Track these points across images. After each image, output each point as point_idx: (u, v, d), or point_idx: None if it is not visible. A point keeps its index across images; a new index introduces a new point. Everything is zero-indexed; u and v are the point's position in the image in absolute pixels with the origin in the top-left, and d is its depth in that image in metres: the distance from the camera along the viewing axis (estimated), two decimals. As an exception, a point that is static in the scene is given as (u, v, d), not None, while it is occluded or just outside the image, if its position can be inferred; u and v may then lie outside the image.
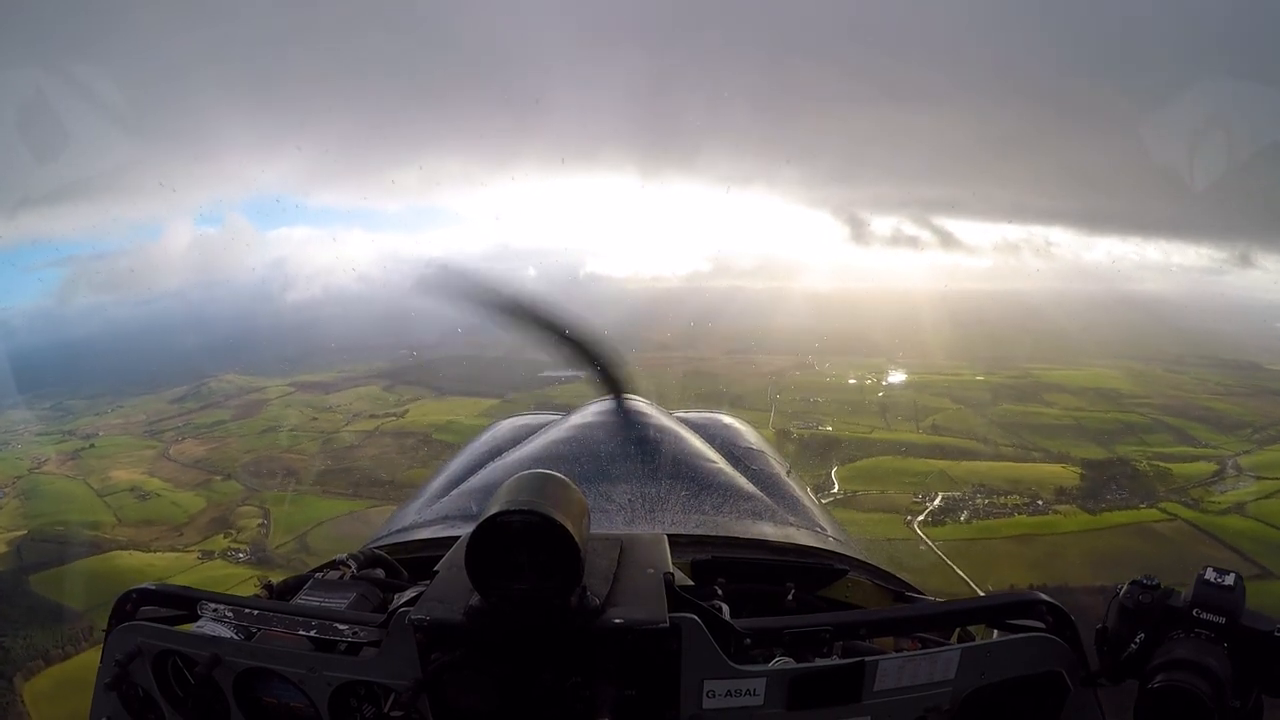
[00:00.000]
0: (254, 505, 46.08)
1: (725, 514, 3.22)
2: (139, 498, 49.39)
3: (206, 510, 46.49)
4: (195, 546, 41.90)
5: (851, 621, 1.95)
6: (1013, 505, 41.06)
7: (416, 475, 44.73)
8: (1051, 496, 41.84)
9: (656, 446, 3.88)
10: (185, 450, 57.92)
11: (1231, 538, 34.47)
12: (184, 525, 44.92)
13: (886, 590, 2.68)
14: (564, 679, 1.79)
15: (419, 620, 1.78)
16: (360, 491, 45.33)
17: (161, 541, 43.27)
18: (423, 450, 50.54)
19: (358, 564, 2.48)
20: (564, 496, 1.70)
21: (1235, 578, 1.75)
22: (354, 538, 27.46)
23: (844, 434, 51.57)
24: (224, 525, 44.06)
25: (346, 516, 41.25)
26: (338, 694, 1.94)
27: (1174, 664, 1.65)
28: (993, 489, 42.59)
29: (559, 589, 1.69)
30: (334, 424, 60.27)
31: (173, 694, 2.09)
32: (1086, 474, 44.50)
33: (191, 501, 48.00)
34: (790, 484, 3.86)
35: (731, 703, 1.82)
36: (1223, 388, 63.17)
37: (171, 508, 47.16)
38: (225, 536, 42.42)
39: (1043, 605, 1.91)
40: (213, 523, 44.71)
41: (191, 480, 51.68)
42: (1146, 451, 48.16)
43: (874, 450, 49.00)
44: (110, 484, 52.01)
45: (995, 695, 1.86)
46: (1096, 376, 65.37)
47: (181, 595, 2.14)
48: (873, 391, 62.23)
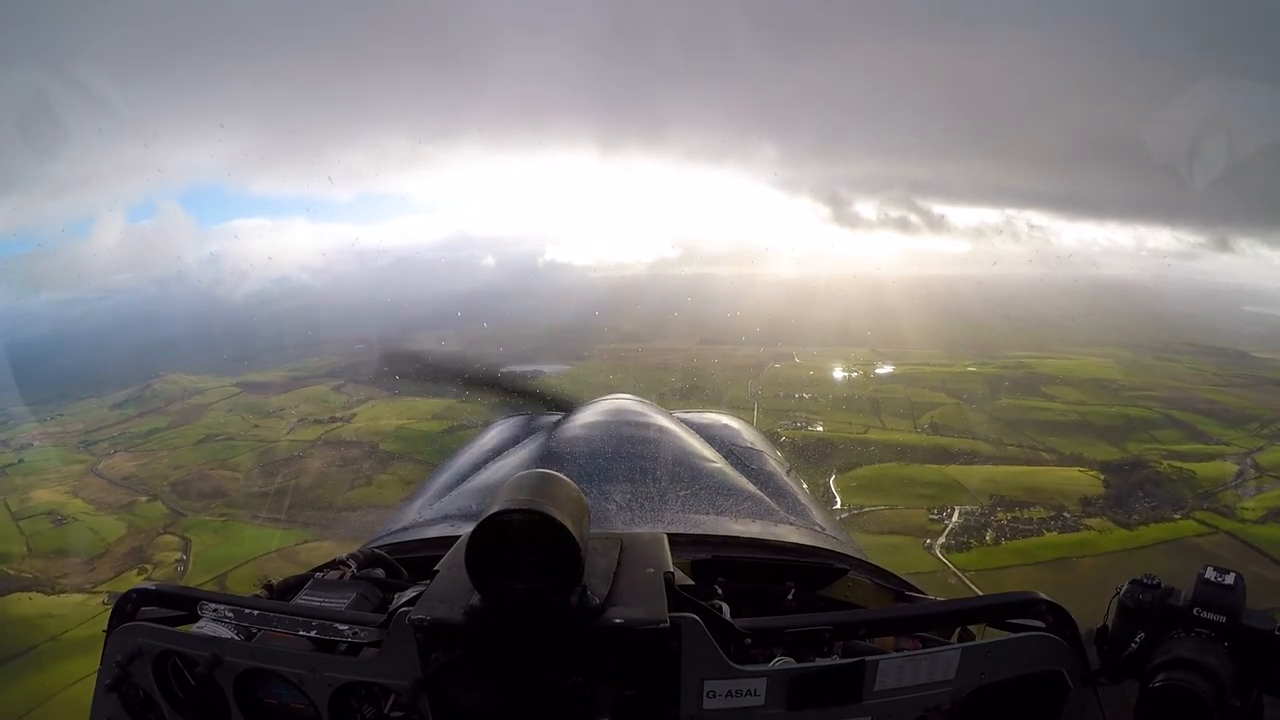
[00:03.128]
0: (176, 534, 39.80)
1: (725, 513, 3.24)
2: (56, 523, 42.71)
3: (126, 538, 40.11)
4: (105, 585, 35.28)
5: (852, 621, 1.98)
6: (1039, 520, 36.08)
7: (357, 498, 39.67)
8: (1078, 508, 37.06)
9: (656, 446, 3.92)
10: (115, 465, 51.06)
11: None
12: (100, 557, 38.47)
13: (886, 590, 2.68)
14: (564, 678, 1.78)
15: (419, 620, 1.79)
16: (295, 517, 39.21)
17: (72, 578, 36.80)
18: (367, 464, 44.79)
19: (358, 564, 2.45)
20: (564, 496, 1.71)
21: (1235, 577, 1.76)
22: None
23: (837, 435, 46.25)
24: (140, 558, 37.61)
25: (274, 555, 35.07)
26: (338, 694, 1.94)
27: (1174, 663, 1.66)
28: (1012, 500, 37.55)
29: (559, 588, 1.70)
30: (275, 432, 53.81)
31: (173, 695, 2.09)
32: (1108, 479, 39.95)
33: (111, 528, 41.47)
34: (790, 483, 3.94)
35: (732, 703, 1.81)
36: (1219, 378, 59.36)
37: (89, 535, 40.57)
38: (139, 574, 35.65)
39: (1043, 605, 1.93)
40: (130, 555, 38.31)
41: (116, 501, 45.03)
42: (1161, 450, 43.92)
43: (872, 454, 43.76)
44: (29, 506, 45.10)
45: (996, 695, 1.86)
46: (1090, 366, 61.17)
47: (182, 595, 2.14)
48: (861, 385, 56.73)
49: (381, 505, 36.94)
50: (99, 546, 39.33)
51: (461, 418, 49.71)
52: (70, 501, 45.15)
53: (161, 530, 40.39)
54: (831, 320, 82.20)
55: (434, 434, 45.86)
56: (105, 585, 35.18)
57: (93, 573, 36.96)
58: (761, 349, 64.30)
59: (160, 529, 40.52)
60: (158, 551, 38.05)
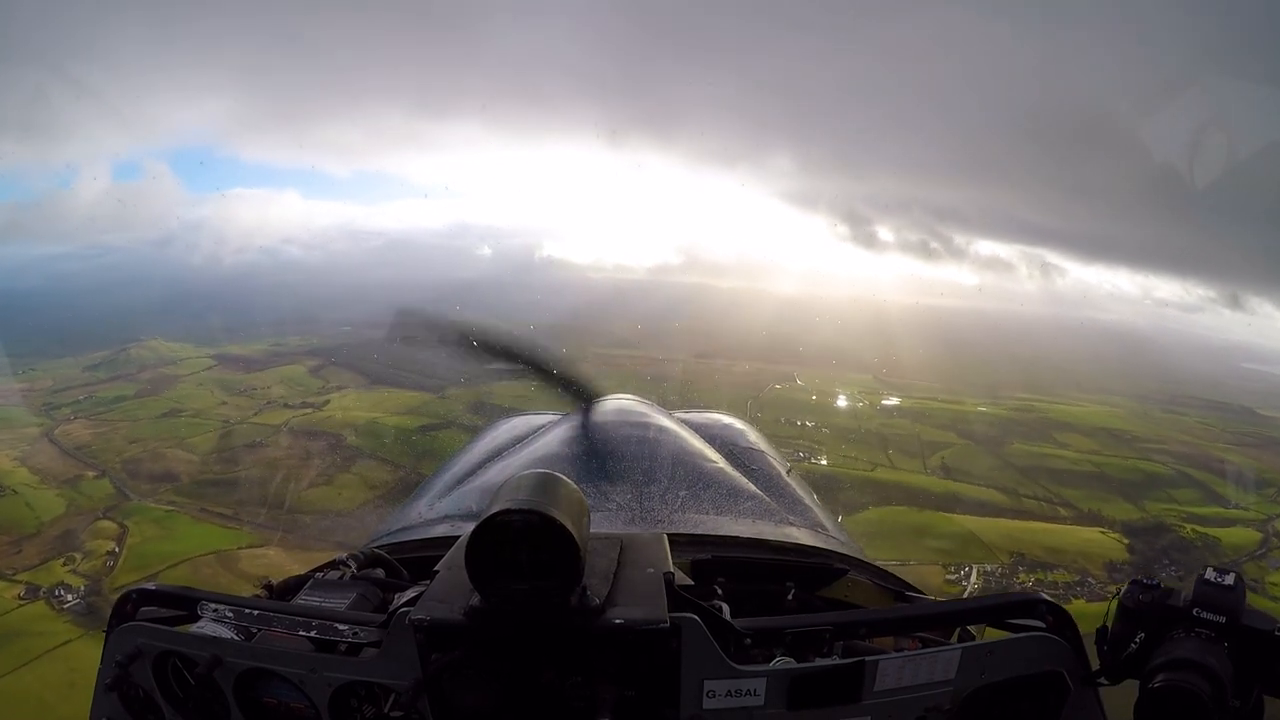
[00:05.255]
0: (115, 520, 35.76)
1: (725, 513, 3.22)
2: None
3: (62, 518, 36.06)
4: (25, 575, 31.39)
5: (852, 621, 1.96)
6: (1064, 585, 32.51)
7: (314, 498, 35.90)
8: (1103, 574, 33.53)
9: (656, 446, 3.85)
10: (71, 432, 47.14)
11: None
12: (30, 538, 34.36)
13: (886, 590, 2.65)
14: (564, 679, 1.78)
15: (419, 620, 1.77)
16: (243, 515, 35.19)
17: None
18: (329, 459, 41.00)
19: (358, 564, 2.44)
20: (564, 496, 1.69)
21: (1235, 577, 1.74)
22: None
23: (842, 470, 42.46)
24: (70, 544, 33.63)
25: (212, 557, 31.37)
26: (338, 694, 1.92)
27: (1174, 663, 1.64)
28: (1033, 560, 34.13)
29: (559, 588, 1.68)
30: (242, 412, 49.78)
31: (173, 694, 2.07)
32: (1131, 543, 36.87)
33: (50, 504, 37.54)
34: (790, 483, 3.88)
35: (732, 702, 1.80)
36: (1230, 435, 56.47)
37: (24, 512, 36.51)
38: (64, 564, 31.92)
39: (1043, 605, 1.92)
40: (61, 539, 34.26)
41: (63, 473, 41.11)
42: (1179, 512, 41.05)
43: (880, 495, 40.00)
44: (-28, 472, 41.46)
45: (996, 695, 1.86)
46: (1099, 414, 58.29)
47: (182, 595, 2.12)
48: (867, 417, 53.20)
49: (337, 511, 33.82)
50: (31, 525, 35.43)
51: (436, 415, 47.16)
52: (16, 470, 41.50)
53: (101, 513, 36.60)
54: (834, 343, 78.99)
55: (406, 431, 43.14)
56: (25, 574, 31.40)
57: (17, 555, 32.98)
58: (761, 367, 61.14)
59: (100, 511, 36.77)
60: (91, 539, 34.16)
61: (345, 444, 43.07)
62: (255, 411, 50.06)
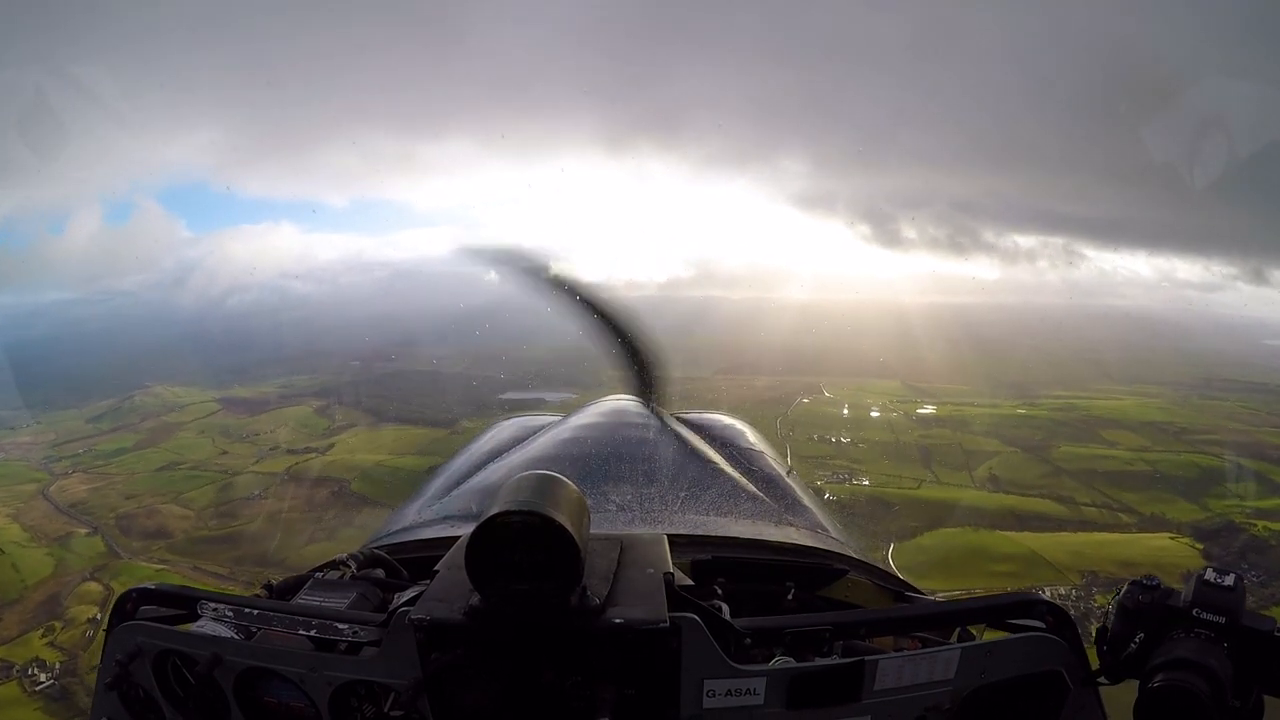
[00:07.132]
0: (102, 581, 33.02)
1: (725, 514, 3.18)
2: (-18, 554, 36.26)
3: (49, 581, 33.63)
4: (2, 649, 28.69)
5: (851, 621, 1.94)
6: None
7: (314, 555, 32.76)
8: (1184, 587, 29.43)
9: (656, 446, 3.84)
10: (68, 488, 44.72)
11: None
12: (13, 603, 31.93)
13: (886, 590, 2.61)
14: (564, 679, 1.76)
15: (419, 620, 1.75)
16: (238, 576, 32.33)
17: (-25, 629, 30.62)
18: (333, 510, 38.15)
19: (358, 564, 2.40)
20: (564, 496, 1.68)
21: (1235, 578, 1.73)
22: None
23: (887, 491, 39.27)
24: (53, 613, 30.96)
25: None
26: (338, 694, 1.89)
27: (1174, 663, 1.63)
28: (1105, 577, 30.49)
29: (559, 589, 1.66)
30: (243, 460, 47.14)
31: (173, 694, 2.04)
32: (1205, 548, 33.64)
33: (38, 565, 35.13)
34: (791, 484, 3.79)
35: (731, 702, 1.78)
36: (1276, 418, 53.53)
37: (9, 574, 33.96)
38: (43, 635, 29.15)
39: (1043, 605, 1.90)
40: (45, 604, 31.75)
41: (55, 531, 38.72)
42: (1245, 507, 37.84)
43: (930, 516, 36.57)
44: (-34, 531, 39.03)
45: (995, 695, 1.83)
46: (1141, 408, 54.96)
47: (182, 595, 2.09)
48: (904, 429, 50.03)
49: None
50: (14, 590, 33.02)
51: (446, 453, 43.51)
52: (8, 527, 39.25)
53: (90, 574, 34.05)
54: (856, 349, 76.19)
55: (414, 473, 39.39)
56: (1, 649, 28.60)
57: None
58: (786, 379, 58.09)
59: (88, 572, 34.28)
60: (75, 604, 31.50)
61: (348, 490, 40.58)
62: (256, 460, 47.65)
